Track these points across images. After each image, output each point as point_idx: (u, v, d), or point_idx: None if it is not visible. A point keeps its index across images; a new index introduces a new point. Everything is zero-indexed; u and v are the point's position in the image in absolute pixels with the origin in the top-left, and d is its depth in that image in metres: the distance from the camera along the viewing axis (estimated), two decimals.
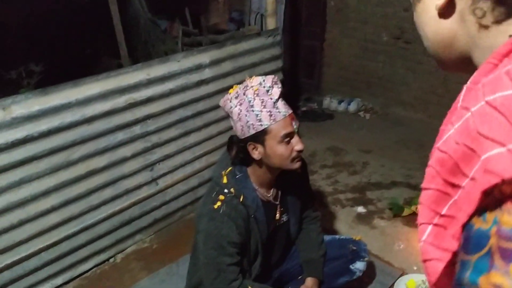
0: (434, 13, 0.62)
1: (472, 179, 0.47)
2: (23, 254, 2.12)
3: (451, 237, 0.51)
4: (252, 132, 1.48)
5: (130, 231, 2.57)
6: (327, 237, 1.98)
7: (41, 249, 2.17)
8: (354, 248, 1.92)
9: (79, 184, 2.22)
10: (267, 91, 1.48)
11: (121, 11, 3.06)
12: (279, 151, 1.49)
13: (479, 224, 0.46)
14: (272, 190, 1.70)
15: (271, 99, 1.47)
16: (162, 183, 2.63)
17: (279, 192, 1.73)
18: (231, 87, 1.59)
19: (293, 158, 1.52)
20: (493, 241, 0.44)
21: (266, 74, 2.97)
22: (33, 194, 2.06)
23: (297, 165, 1.56)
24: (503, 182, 0.42)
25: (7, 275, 2.09)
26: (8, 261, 2.08)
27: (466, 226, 0.48)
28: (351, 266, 1.91)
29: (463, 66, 0.64)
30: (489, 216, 0.45)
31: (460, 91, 0.56)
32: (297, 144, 1.51)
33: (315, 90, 5.00)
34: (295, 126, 1.52)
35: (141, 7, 4.13)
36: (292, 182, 1.74)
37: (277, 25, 3.15)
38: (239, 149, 1.57)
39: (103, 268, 2.46)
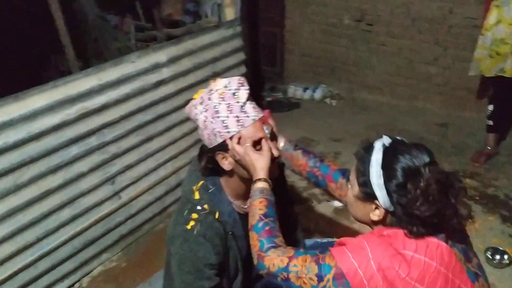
0: (368, 212, 1.13)
1: None
2: None
3: None
4: (220, 140, 1.33)
5: (95, 251, 2.38)
6: (308, 241, 1.89)
7: None
8: None
9: (32, 208, 2.02)
10: (233, 94, 1.32)
11: (65, 8, 2.78)
12: None
13: None
14: (248, 201, 1.56)
15: (238, 102, 1.32)
16: (125, 195, 2.45)
17: None
18: (192, 86, 1.43)
19: None
20: None
21: (228, 68, 2.88)
22: None
23: (274, 174, 1.41)
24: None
25: None
26: None
27: None
28: None
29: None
30: None
31: None
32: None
33: (278, 78, 4.87)
34: (267, 131, 1.37)
35: (87, 2, 3.85)
36: None
37: (236, 15, 2.98)
38: (208, 160, 1.42)
39: None
